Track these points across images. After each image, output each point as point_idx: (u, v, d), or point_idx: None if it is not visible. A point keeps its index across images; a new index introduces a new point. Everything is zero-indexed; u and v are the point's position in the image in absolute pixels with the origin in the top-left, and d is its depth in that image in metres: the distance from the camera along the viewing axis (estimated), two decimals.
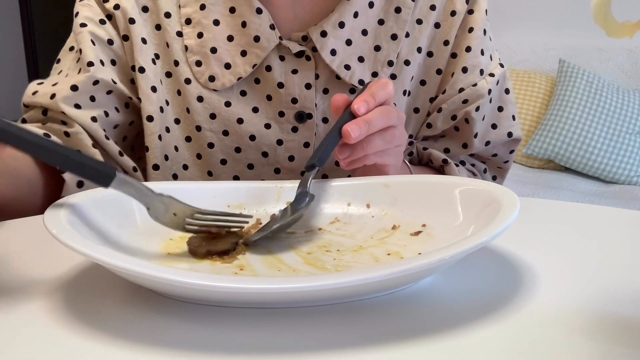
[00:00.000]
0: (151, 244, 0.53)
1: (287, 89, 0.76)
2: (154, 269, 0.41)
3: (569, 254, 0.55)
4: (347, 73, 0.76)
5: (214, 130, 0.77)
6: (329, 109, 0.77)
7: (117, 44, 0.76)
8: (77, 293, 0.47)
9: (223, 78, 0.75)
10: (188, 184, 0.64)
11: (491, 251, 0.54)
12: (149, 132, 0.75)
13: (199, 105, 0.76)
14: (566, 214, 0.67)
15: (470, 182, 0.57)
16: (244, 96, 0.76)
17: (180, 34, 0.76)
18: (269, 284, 0.40)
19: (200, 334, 0.41)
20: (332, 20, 0.75)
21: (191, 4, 0.76)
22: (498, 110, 0.83)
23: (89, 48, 0.74)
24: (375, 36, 0.77)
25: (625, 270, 0.51)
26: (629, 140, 2.32)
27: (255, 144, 0.77)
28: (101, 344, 0.40)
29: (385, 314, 0.43)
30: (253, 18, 0.74)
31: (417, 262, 0.41)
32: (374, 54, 0.77)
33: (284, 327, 0.42)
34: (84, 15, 0.76)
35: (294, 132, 0.77)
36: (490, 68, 0.81)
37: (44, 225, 0.46)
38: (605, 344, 0.39)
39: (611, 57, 2.56)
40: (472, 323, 0.42)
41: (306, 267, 0.49)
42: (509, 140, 0.84)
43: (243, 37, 0.75)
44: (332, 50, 0.75)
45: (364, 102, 0.62)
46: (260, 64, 0.75)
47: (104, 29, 0.75)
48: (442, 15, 0.79)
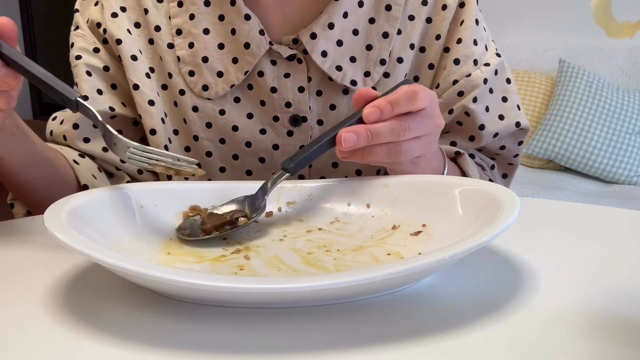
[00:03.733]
0: (151, 244, 0.53)
1: (280, 93, 0.76)
2: (153, 269, 0.41)
3: (568, 254, 0.55)
4: (339, 74, 0.75)
5: (211, 139, 0.77)
6: (323, 111, 0.77)
7: (113, 69, 0.77)
8: (77, 292, 0.47)
9: (216, 87, 0.76)
10: (188, 183, 0.64)
11: (491, 251, 0.54)
12: (154, 145, 0.76)
13: (194, 115, 0.77)
14: (566, 214, 0.67)
15: (471, 182, 0.57)
16: (238, 103, 0.76)
17: (171, 46, 0.77)
18: (268, 284, 0.40)
19: (200, 333, 0.41)
20: (321, 22, 0.74)
21: (181, 14, 0.76)
22: (503, 101, 0.81)
23: (84, 81, 0.76)
24: (366, 35, 0.77)
25: (626, 270, 0.51)
26: (629, 140, 2.31)
27: (252, 150, 0.77)
28: (101, 343, 0.40)
29: (385, 314, 0.43)
30: (242, 25, 0.74)
31: (417, 262, 0.41)
32: (365, 53, 0.76)
33: (283, 327, 0.42)
34: (78, 46, 0.78)
35: (290, 136, 0.77)
36: (485, 58, 0.79)
37: (44, 225, 0.46)
38: (604, 343, 0.39)
39: (611, 57, 2.56)
40: (472, 323, 0.42)
41: (306, 267, 0.49)
42: (517, 130, 0.82)
43: (233, 45, 0.75)
44: (322, 52, 0.75)
45: (377, 110, 0.58)
46: (252, 70, 0.75)
47: (98, 57, 0.77)
48: (434, 10, 0.78)
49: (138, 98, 0.76)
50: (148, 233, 0.54)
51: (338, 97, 0.77)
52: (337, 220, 0.59)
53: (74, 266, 0.51)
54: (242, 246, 0.54)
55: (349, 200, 0.60)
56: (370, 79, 0.76)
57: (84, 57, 0.77)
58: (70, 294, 0.47)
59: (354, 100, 0.61)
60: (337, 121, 0.76)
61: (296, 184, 0.62)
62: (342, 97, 0.77)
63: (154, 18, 0.77)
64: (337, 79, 0.75)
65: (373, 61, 0.77)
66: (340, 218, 0.59)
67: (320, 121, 0.77)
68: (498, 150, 0.84)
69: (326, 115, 0.77)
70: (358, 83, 0.76)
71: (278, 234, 0.56)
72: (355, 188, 0.61)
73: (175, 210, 0.58)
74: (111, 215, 0.53)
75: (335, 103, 0.77)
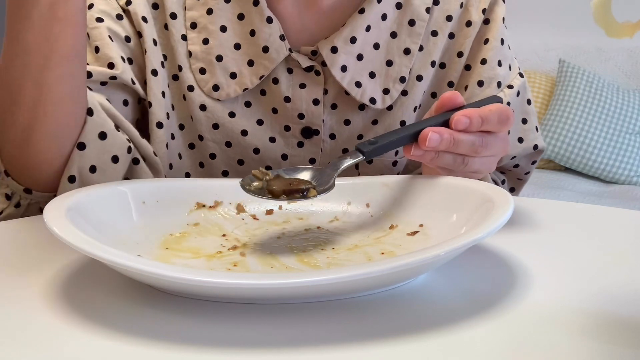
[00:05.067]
0: (150, 239, 0.53)
1: (294, 103, 0.73)
2: (149, 265, 0.41)
3: (568, 254, 0.54)
4: (358, 91, 0.72)
5: (217, 141, 0.74)
6: (336, 124, 0.75)
7: (134, 42, 0.71)
8: (75, 288, 0.47)
9: (228, 88, 0.72)
10: (192, 181, 0.64)
11: (489, 251, 0.54)
12: (158, 139, 0.72)
13: (201, 114, 0.73)
14: (566, 214, 0.67)
15: (468, 183, 0.57)
16: (249, 107, 0.74)
17: (184, 38, 0.73)
18: (247, 280, 0.40)
19: (197, 328, 0.41)
20: (343, 35, 0.71)
21: (197, 7, 0.72)
22: (522, 123, 0.78)
23: (107, 46, 0.69)
24: (387, 50, 0.74)
25: (625, 270, 0.51)
26: (629, 140, 2.32)
27: (260, 158, 0.75)
28: (100, 338, 0.40)
29: (379, 312, 0.43)
30: (263, 27, 0.71)
31: (400, 261, 0.41)
32: (385, 69, 0.73)
33: (278, 323, 0.42)
34: (99, 8, 0.70)
35: (300, 147, 0.75)
36: (508, 80, 0.77)
37: (43, 221, 0.46)
38: (604, 343, 0.39)
39: (611, 57, 2.56)
40: (468, 321, 0.42)
41: (299, 265, 0.49)
42: (534, 152, 0.80)
43: (251, 47, 0.72)
44: (342, 67, 0.72)
45: (467, 121, 0.55)
46: (268, 76, 0.72)
47: (121, 25, 0.71)
48: (457, 26, 0.75)
49: (154, 85, 0.71)
50: (147, 229, 0.54)
51: (354, 112, 0.74)
52: (337, 219, 0.59)
53: (73, 261, 0.51)
54: (240, 243, 0.54)
55: (348, 199, 0.60)
56: (389, 96, 0.74)
57: (107, 21, 0.70)
58: (69, 290, 0.47)
59: (439, 102, 0.59)
60: (350, 136, 0.75)
61: None
62: (357, 113, 0.74)
63: (171, 4, 0.72)
64: (355, 96, 0.73)
65: (392, 78, 0.74)
66: (339, 217, 0.59)
67: (333, 135, 0.75)
68: (511, 167, 0.82)
69: (340, 129, 0.75)
70: (377, 101, 0.73)
71: (276, 232, 0.56)
72: (356, 187, 0.61)
73: (178, 206, 0.58)
74: (110, 211, 0.53)
75: (349, 118, 0.75)
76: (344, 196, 0.60)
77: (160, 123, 0.72)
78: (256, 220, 0.59)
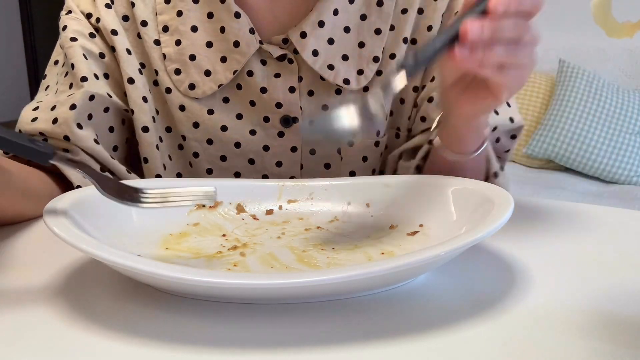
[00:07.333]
0: (150, 240, 0.53)
1: (271, 93, 0.74)
2: (149, 265, 0.41)
3: (568, 254, 0.55)
4: (331, 73, 0.74)
5: (198, 140, 0.75)
6: (315, 111, 0.76)
7: (108, 57, 0.74)
8: (75, 288, 0.47)
9: (203, 86, 0.74)
10: (189, 180, 0.64)
11: (489, 251, 0.54)
12: (146, 143, 0.74)
13: (181, 114, 0.75)
14: (566, 213, 0.67)
15: (467, 183, 0.57)
16: (227, 103, 0.75)
17: (157, 43, 0.74)
18: (247, 280, 0.41)
19: (197, 328, 0.41)
20: (311, 20, 0.73)
21: (168, 11, 0.74)
22: None
23: (82, 62, 0.72)
24: (358, 32, 0.75)
25: (625, 270, 0.51)
26: (629, 140, 2.32)
27: (241, 151, 0.76)
28: (100, 338, 0.40)
29: (379, 312, 0.43)
30: (232, 23, 0.73)
31: (400, 261, 0.41)
32: (358, 50, 0.75)
33: (278, 323, 0.42)
34: (73, 29, 0.74)
35: (280, 137, 0.75)
36: None
37: (44, 222, 0.46)
38: (603, 343, 0.39)
39: (611, 57, 2.56)
40: (467, 321, 0.42)
41: (299, 265, 0.49)
42: (512, 126, 0.79)
43: (222, 43, 0.73)
44: (313, 51, 0.73)
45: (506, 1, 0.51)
46: (241, 70, 0.73)
47: (94, 43, 0.74)
48: (425, 1, 0.76)
49: (132, 93, 0.73)
50: (147, 229, 0.54)
51: (330, 97, 0.75)
52: (337, 219, 0.59)
53: (73, 262, 0.51)
54: (240, 243, 0.54)
55: (348, 199, 0.60)
56: (364, 77, 0.75)
57: (80, 40, 0.73)
58: (70, 290, 0.47)
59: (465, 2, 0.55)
60: None
61: (297, 183, 0.62)
62: (334, 97, 0.75)
63: (141, 12, 0.75)
64: (329, 79, 0.74)
65: (366, 59, 0.75)
66: (339, 217, 0.59)
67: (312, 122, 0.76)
68: (494, 143, 0.82)
69: (318, 115, 0.76)
70: (351, 82, 0.75)
71: (276, 232, 0.56)
72: (356, 187, 0.61)
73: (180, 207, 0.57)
74: (110, 211, 0.53)
75: (327, 103, 0.76)
76: (344, 196, 0.60)
77: (145, 127, 0.74)
78: (256, 220, 0.59)
